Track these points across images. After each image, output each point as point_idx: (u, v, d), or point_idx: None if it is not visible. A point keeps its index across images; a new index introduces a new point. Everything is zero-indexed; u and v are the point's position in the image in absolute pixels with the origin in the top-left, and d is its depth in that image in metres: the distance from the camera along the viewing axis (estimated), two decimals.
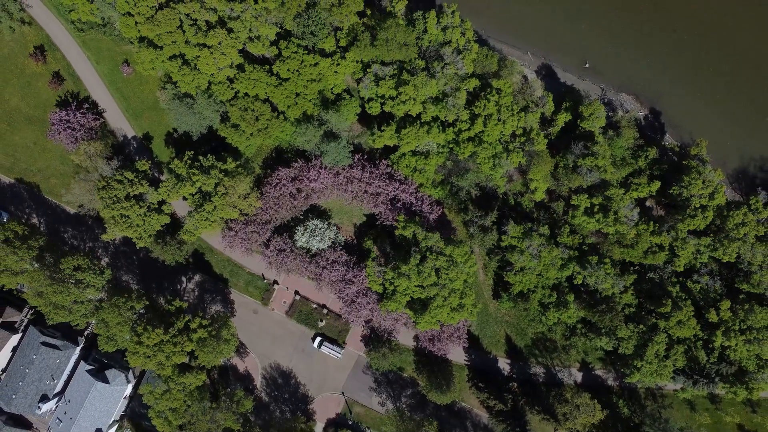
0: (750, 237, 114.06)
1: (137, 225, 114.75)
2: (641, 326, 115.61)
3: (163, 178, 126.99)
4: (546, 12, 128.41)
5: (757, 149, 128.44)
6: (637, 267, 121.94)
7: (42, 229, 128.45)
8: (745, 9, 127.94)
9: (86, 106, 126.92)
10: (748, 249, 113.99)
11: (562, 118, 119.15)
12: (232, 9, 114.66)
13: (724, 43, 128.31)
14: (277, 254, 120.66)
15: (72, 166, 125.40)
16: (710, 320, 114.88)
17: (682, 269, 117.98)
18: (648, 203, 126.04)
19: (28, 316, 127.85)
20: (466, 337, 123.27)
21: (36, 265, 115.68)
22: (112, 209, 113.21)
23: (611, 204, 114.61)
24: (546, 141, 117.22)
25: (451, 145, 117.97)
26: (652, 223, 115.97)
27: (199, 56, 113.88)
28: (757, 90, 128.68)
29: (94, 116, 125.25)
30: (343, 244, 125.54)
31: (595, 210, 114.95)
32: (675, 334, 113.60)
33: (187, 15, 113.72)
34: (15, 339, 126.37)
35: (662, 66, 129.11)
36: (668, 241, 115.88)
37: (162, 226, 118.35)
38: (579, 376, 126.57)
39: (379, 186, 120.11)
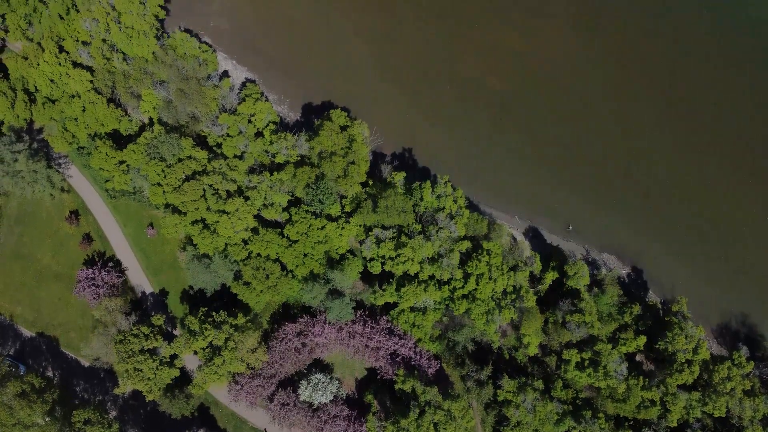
0: (737, 391, 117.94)
1: (149, 378, 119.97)
2: None
3: (176, 332, 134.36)
4: (529, 181, 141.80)
5: (737, 305, 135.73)
6: (631, 422, 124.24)
7: (56, 381, 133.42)
8: (711, 175, 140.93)
9: (111, 264, 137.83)
10: (737, 403, 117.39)
11: (550, 277, 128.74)
12: (250, 180, 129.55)
13: (695, 204, 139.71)
14: (280, 408, 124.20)
15: (91, 320, 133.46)
16: None
17: (675, 424, 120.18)
18: (637, 358, 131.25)
19: None
20: None
21: (47, 419, 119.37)
22: (127, 362, 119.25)
23: (600, 358, 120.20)
24: (535, 298, 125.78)
25: (446, 302, 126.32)
26: (641, 377, 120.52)
27: (218, 221, 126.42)
28: (730, 249, 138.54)
29: (117, 274, 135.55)
30: (344, 398, 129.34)
31: (586, 364, 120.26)
32: None
33: (210, 185, 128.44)
34: None
35: (639, 228, 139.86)
36: (659, 396, 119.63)
37: (172, 379, 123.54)
38: None
39: (379, 341, 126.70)
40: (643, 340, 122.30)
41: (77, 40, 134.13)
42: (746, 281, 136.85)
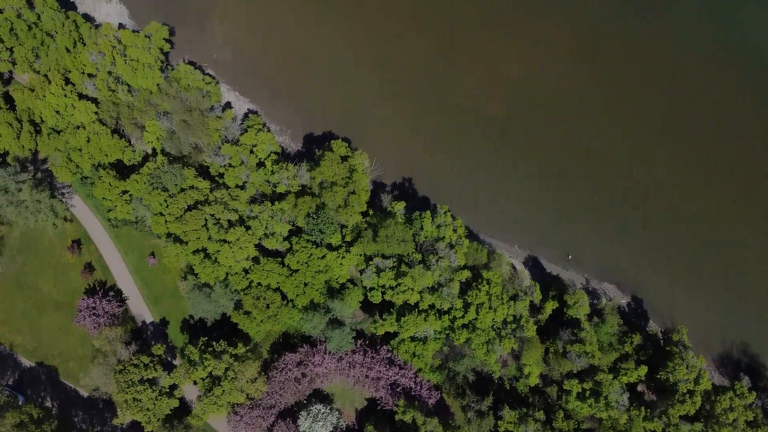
0: (740, 422, 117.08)
1: (148, 409, 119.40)
2: None
3: (176, 362, 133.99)
4: (528, 210, 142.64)
5: (738, 334, 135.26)
6: None
7: (54, 412, 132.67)
8: (711, 203, 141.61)
9: (111, 293, 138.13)
10: None
11: (550, 306, 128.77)
12: (251, 210, 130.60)
13: (696, 232, 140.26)
14: None
15: (91, 350, 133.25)
16: None
17: None
18: (639, 388, 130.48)
19: None
20: None
21: None
22: (126, 393, 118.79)
23: (602, 389, 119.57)
24: (535, 327, 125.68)
25: (447, 331, 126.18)
26: (643, 408, 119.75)
27: (219, 250, 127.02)
28: (731, 278, 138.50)
29: (117, 303, 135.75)
30: (344, 428, 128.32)
31: (587, 395, 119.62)
32: None
33: (212, 215, 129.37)
34: None
35: (639, 257, 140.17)
36: (661, 427, 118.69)
37: (171, 410, 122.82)
38: None
39: (379, 371, 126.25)
40: (644, 370, 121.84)
41: (83, 73, 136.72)
42: (747, 310, 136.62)
